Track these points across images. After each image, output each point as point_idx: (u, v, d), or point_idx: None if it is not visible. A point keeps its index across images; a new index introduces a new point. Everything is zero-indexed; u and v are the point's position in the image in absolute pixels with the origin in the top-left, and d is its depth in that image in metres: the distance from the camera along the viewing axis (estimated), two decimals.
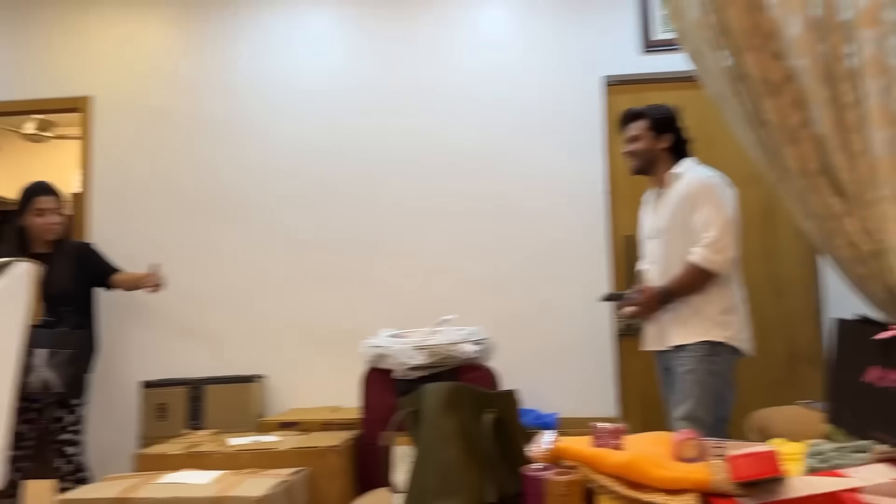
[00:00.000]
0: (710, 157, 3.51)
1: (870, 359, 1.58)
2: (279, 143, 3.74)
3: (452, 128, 3.69)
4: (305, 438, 2.74)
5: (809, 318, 3.43)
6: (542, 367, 3.54)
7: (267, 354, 3.59)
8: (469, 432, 1.54)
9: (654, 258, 2.77)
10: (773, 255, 3.46)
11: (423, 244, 3.63)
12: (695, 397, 2.56)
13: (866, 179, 2.29)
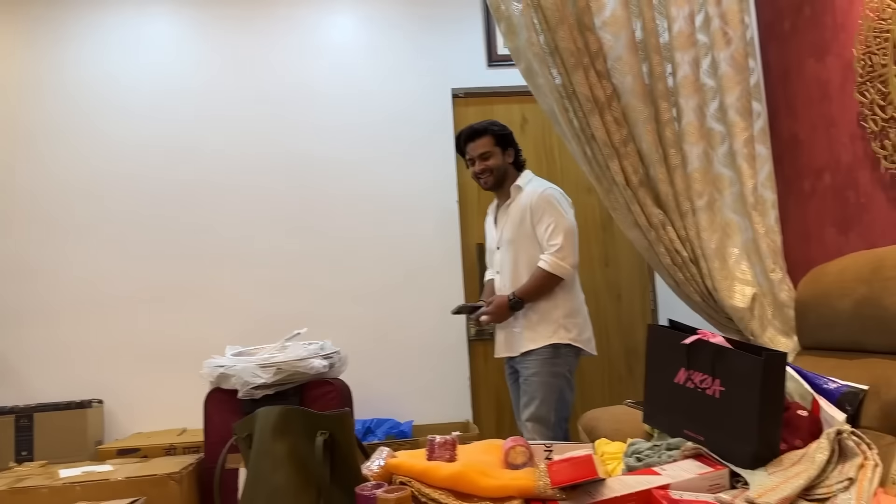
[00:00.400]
0: (551, 168, 3.68)
1: (678, 362, 1.71)
2: (116, 152, 3.53)
3: (302, 136, 3.63)
4: (143, 466, 2.60)
5: (645, 318, 3.66)
6: (399, 375, 3.56)
7: (105, 377, 3.37)
8: (301, 456, 1.51)
9: (500, 267, 2.86)
10: (612, 261, 3.67)
11: (273, 256, 3.55)
12: (539, 398, 2.67)
13: (683, 191, 2.48)
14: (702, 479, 1.54)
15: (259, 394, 2.60)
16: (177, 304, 3.48)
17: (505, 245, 2.84)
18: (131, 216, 3.51)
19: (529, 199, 2.78)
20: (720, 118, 2.55)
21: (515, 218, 2.80)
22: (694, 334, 1.70)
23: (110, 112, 3.56)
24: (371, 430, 3.28)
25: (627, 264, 3.68)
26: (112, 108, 3.56)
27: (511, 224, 2.81)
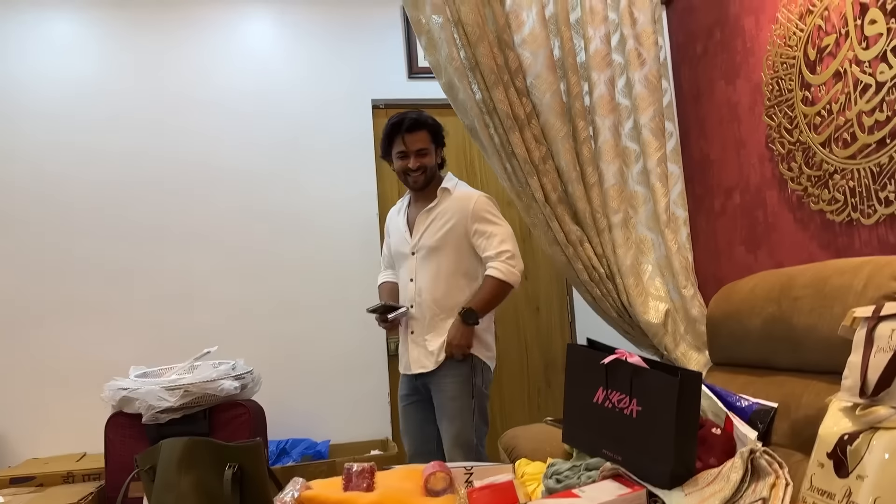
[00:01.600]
0: (471, 181, 3.67)
1: (596, 381, 1.71)
2: (12, 157, 3.30)
3: (216, 144, 3.49)
4: (38, 497, 2.42)
5: (563, 330, 3.70)
6: (315, 393, 3.46)
7: None
8: (208, 490, 1.43)
9: (414, 274, 2.66)
10: (531, 273, 3.69)
11: (183, 269, 3.39)
12: (463, 421, 2.55)
13: (599, 208, 2.51)
14: (620, 501, 1.54)
15: (165, 418, 2.46)
16: (75, 319, 3.26)
17: (424, 251, 2.63)
18: (25, 225, 3.28)
19: (464, 205, 2.59)
20: (635, 137, 2.61)
21: (443, 223, 2.60)
22: (612, 354, 1.71)
23: (9, 115, 3.32)
24: (286, 450, 3.18)
25: (546, 277, 3.72)
26: (8, 110, 3.33)
27: (436, 229, 2.61)
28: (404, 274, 2.70)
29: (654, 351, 2.53)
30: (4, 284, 3.22)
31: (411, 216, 2.72)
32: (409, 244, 2.67)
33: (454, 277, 2.61)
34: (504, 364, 3.62)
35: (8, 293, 3.23)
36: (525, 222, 3.66)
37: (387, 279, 2.87)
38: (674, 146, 2.62)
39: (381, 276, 2.91)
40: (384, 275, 2.90)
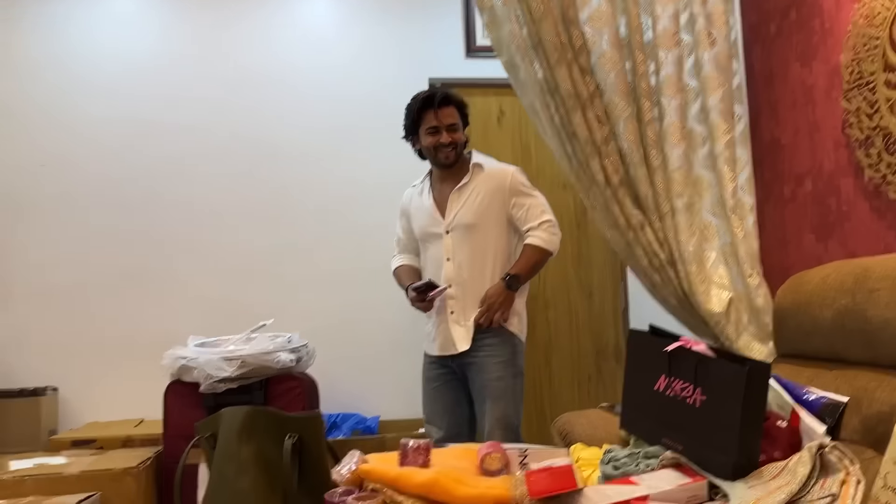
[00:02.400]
0: (526, 164, 3.63)
1: (658, 369, 1.67)
2: (77, 132, 3.38)
3: (274, 121, 3.52)
4: (99, 459, 2.50)
5: (616, 317, 3.64)
6: (367, 368, 3.49)
7: (60, 364, 3.24)
8: (268, 459, 1.45)
9: (451, 253, 2.61)
10: (584, 259, 3.64)
11: (240, 244, 3.44)
12: (506, 402, 2.53)
13: (663, 192, 2.45)
14: (681, 491, 1.51)
15: (222, 387, 2.50)
16: (137, 290, 3.35)
17: (461, 230, 2.59)
18: (91, 199, 3.37)
19: (500, 180, 2.59)
20: (702, 119, 2.52)
21: (479, 200, 2.58)
22: (676, 341, 1.67)
23: (70, 91, 3.40)
24: (337, 424, 3.21)
25: (600, 263, 3.66)
26: (72, 86, 3.41)
27: (472, 206, 2.58)
28: (437, 254, 2.65)
29: (714, 340, 2.46)
30: (69, 256, 3.32)
31: (440, 195, 2.68)
32: (443, 223, 2.63)
33: (494, 254, 2.59)
34: (554, 350, 3.59)
35: (73, 264, 3.33)
36: (579, 206, 3.63)
37: (404, 262, 2.81)
38: (742, 129, 2.53)
39: (397, 260, 2.84)
40: (400, 258, 2.83)
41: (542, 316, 3.59)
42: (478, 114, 3.65)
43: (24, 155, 3.34)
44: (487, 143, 3.63)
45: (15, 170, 3.33)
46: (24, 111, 3.37)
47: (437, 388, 2.68)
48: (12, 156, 3.34)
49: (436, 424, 2.67)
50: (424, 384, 2.73)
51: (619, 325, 3.63)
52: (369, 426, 3.26)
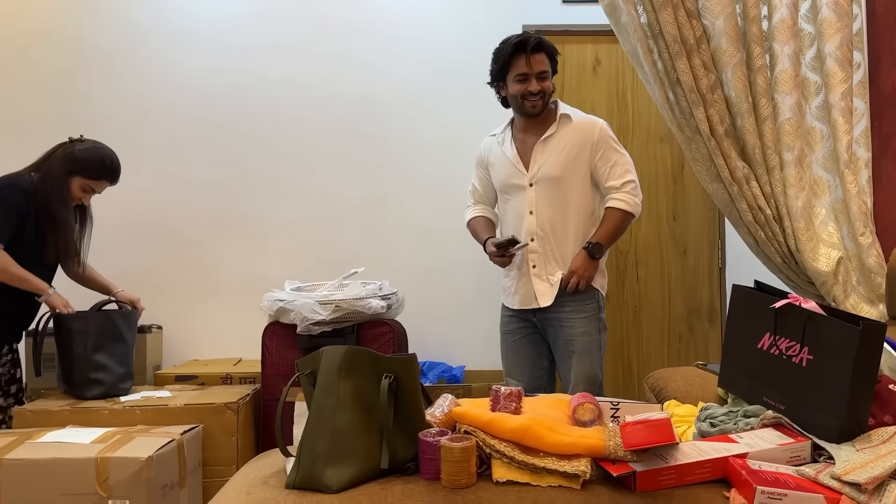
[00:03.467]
0: (623, 114, 3.53)
1: (763, 326, 1.60)
2: (179, 83, 3.50)
3: (365, 71, 3.54)
4: (201, 393, 2.63)
5: (711, 276, 3.52)
6: (452, 319, 3.52)
7: (163, 303, 3.41)
8: (365, 397, 1.48)
9: (534, 206, 2.55)
10: (680, 214, 3.52)
11: (332, 194, 3.51)
12: (592, 357, 2.52)
13: (771, 144, 2.32)
14: (782, 451, 1.46)
15: (317, 330, 2.58)
16: (236, 236, 3.48)
17: (545, 182, 2.53)
18: (194, 145, 3.49)
19: (588, 132, 2.52)
20: (817, 67, 2.37)
21: (566, 152, 2.51)
22: (783, 298, 1.60)
23: (174, 39, 3.51)
24: (423, 372, 3.27)
25: (696, 219, 3.53)
26: (176, 35, 3.51)
27: (558, 158, 2.52)
28: (518, 206, 2.60)
29: (820, 301, 2.34)
30: (172, 202, 3.47)
31: (523, 146, 2.61)
32: (526, 175, 2.57)
33: (578, 209, 2.54)
34: (644, 307, 3.52)
35: (175, 210, 3.47)
36: (677, 160, 3.50)
37: (479, 214, 2.77)
38: (861, 78, 2.36)
39: (471, 211, 2.79)
40: (475, 209, 2.79)
41: (633, 273, 3.52)
42: (573, 62, 3.55)
43: (128, 104, 3.48)
44: (581, 93, 3.53)
45: (121, 119, 3.47)
46: (127, 62, 3.50)
47: (517, 341, 2.67)
48: (117, 105, 3.48)
49: (515, 377, 2.68)
50: (503, 337, 2.73)
51: (714, 285, 3.52)
52: (455, 375, 3.30)
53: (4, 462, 1.97)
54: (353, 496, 1.36)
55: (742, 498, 1.32)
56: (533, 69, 2.49)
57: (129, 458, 1.98)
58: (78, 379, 2.55)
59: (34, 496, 1.96)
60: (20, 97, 3.44)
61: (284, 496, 1.37)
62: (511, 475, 1.41)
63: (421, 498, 1.34)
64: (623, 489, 1.38)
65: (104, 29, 3.50)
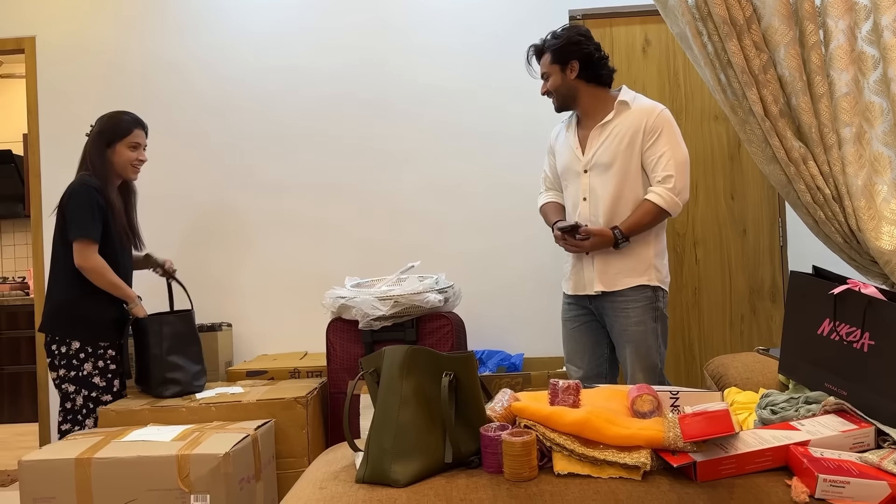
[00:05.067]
0: (675, 94, 3.48)
1: (822, 312, 1.60)
2: (235, 83, 3.61)
3: (414, 64, 3.58)
4: (272, 389, 2.74)
5: (773, 255, 3.47)
6: (510, 307, 3.56)
7: (231, 302, 3.56)
8: (426, 395, 1.54)
9: (588, 193, 2.58)
10: (739, 192, 3.47)
11: (387, 187, 3.57)
12: (648, 345, 2.53)
13: (828, 122, 2.27)
14: (844, 437, 1.46)
15: (378, 325, 2.66)
16: (294, 231, 3.58)
17: (600, 169, 2.54)
18: (255, 143, 3.60)
19: (643, 117, 2.51)
20: (874, 40, 2.30)
21: (619, 139, 2.52)
22: (842, 283, 1.58)
23: (224, 39, 3.61)
24: (482, 361, 3.32)
25: (755, 198, 3.47)
26: (226, 34, 3.62)
27: (612, 145, 2.52)
28: (574, 193, 2.63)
29: (883, 280, 2.29)
30: (232, 198, 3.59)
31: (583, 132, 2.63)
32: (581, 161, 2.60)
33: (631, 195, 2.54)
34: (704, 289, 3.49)
35: (235, 206, 3.59)
36: (733, 138, 3.44)
37: (550, 199, 2.80)
38: None
39: (543, 198, 2.83)
40: (546, 196, 2.82)
41: (691, 254, 3.49)
42: (621, 44, 3.52)
43: (188, 105, 3.61)
44: (632, 74, 3.50)
45: (180, 119, 3.60)
46: (186, 63, 3.62)
47: (576, 328, 2.70)
48: (177, 106, 3.61)
49: (575, 364, 2.72)
50: (564, 324, 2.77)
51: (776, 263, 3.46)
52: (514, 363, 3.34)
53: (94, 461, 2.11)
54: (420, 490, 1.42)
55: (804, 486, 1.33)
56: (540, 71, 2.65)
57: (208, 454, 2.09)
58: (155, 379, 2.69)
59: (122, 492, 2.09)
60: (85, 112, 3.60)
61: (355, 490, 1.44)
62: (572, 467, 1.45)
63: (485, 491, 1.39)
64: (684, 479, 1.40)
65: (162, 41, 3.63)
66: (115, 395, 2.69)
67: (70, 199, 2.64)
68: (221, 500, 2.08)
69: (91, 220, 2.62)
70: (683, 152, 2.53)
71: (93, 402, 2.64)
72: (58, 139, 3.61)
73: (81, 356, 2.63)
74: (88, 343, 2.63)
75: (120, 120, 2.78)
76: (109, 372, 2.67)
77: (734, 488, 1.36)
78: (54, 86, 3.63)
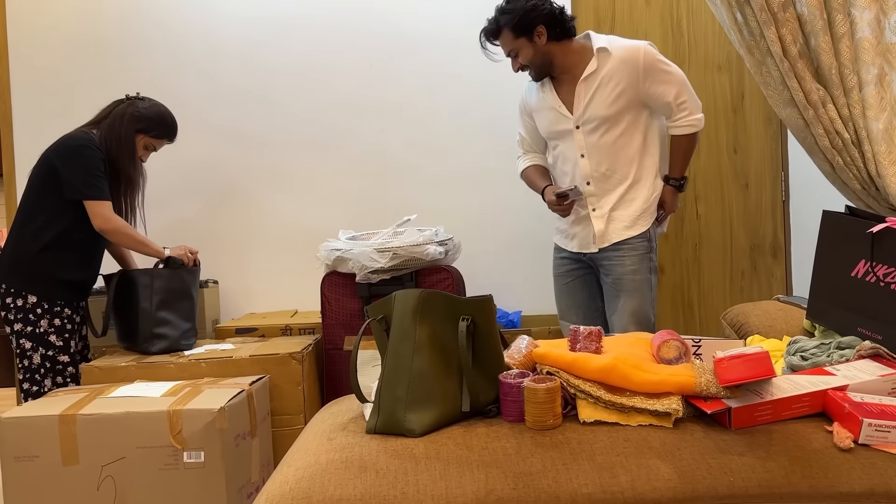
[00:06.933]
0: (678, 43, 3.37)
1: (858, 253, 1.51)
2: (219, 32, 3.41)
3: (409, 12, 3.42)
4: (265, 345, 2.63)
5: (775, 210, 3.39)
6: (506, 264, 3.46)
7: (218, 258, 3.41)
8: (442, 341, 1.44)
9: (585, 150, 2.49)
10: (741, 147, 3.38)
11: (379, 139, 3.43)
12: (643, 296, 2.47)
13: (849, 64, 2.18)
14: (883, 381, 1.39)
15: (376, 278, 2.55)
16: (282, 186, 3.43)
17: (595, 122, 2.44)
18: (243, 97, 3.43)
19: (633, 61, 2.39)
20: None
21: (613, 88, 2.41)
22: (880, 222, 1.50)
23: None
24: None
25: (758, 151, 3.38)
26: None
27: (607, 97, 2.41)
28: (569, 150, 2.53)
29: None
30: (215, 152, 3.43)
31: (563, 88, 2.52)
32: (571, 119, 2.49)
33: (634, 140, 2.47)
34: (704, 244, 3.42)
35: (227, 163, 3.43)
36: (736, 90, 3.34)
37: (531, 163, 2.71)
38: None
39: (524, 161, 2.73)
40: (526, 159, 2.72)
41: (692, 209, 3.40)
42: None
43: (167, 54, 3.42)
44: (634, 22, 3.38)
45: (160, 68, 3.42)
46: (164, 14, 3.42)
47: (570, 283, 2.65)
48: (157, 55, 3.42)
49: (569, 320, 2.66)
50: (556, 279, 2.71)
51: (778, 219, 3.39)
52: (512, 320, 3.26)
53: (79, 417, 1.99)
54: (437, 439, 1.33)
55: (847, 431, 1.26)
56: (504, 52, 2.53)
57: (201, 409, 1.98)
58: (143, 334, 2.57)
59: (110, 450, 1.98)
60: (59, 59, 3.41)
61: (367, 441, 1.35)
62: (598, 415, 1.37)
63: (507, 439, 1.31)
64: (717, 427, 1.33)
65: None
66: (73, 357, 2.56)
67: (74, 154, 2.49)
68: (216, 457, 1.98)
69: (103, 181, 2.51)
70: (680, 75, 2.45)
71: (50, 361, 2.51)
72: (30, 86, 3.42)
73: (38, 311, 2.49)
74: (45, 299, 2.49)
75: (166, 123, 2.71)
76: (66, 332, 2.54)
77: (772, 434, 1.29)
78: (25, 31, 3.42)
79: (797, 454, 1.22)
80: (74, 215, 2.52)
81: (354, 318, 2.66)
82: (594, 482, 1.17)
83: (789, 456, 1.22)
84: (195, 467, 1.98)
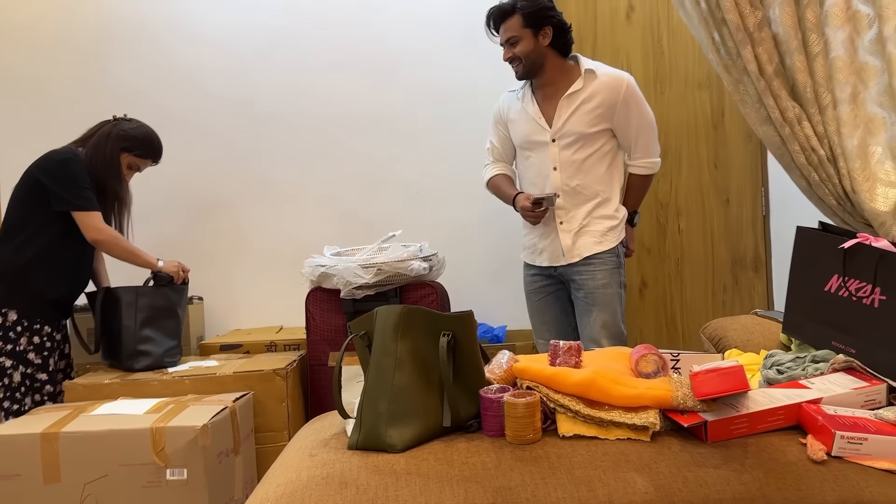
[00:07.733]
0: (659, 62, 3.42)
1: (830, 268, 1.55)
2: (205, 44, 3.44)
3: (389, 28, 3.45)
4: (249, 361, 2.63)
5: (755, 225, 3.44)
6: (491, 278, 3.49)
7: (203, 273, 3.41)
8: (423, 356, 1.46)
9: (558, 163, 2.53)
10: (722, 161, 3.43)
11: (364, 154, 3.45)
12: (613, 309, 2.51)
13: (823, 82, 2.22)
14: (856, 394, 1.42)
15: (360, 294, 2.56)
16: (267, 201, 3.44)
17: (571, 138, 2.49)
18: (228, 112, 3.44)
19: (615, 88, 2.46)
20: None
21: (592, 108, 2.47)
22: (851, 237, 1.53)
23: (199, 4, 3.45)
24: None
25: (738, 167, 3.43)
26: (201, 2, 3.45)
27: (586, 115, 2.48)
28: (540, 163, 2.57)
29: None
30: (208, 170, 3.44)
31: (545, 101, 2.57)
32: (548, 131, 2.54)
33: (606, 165, 2.54)
34: (686, 259, 3.45)
35: (211, 178, 3.44)
36: (716, 107, 3.39)
37: (499, 171, 2.74)
38: None
39: (492, 169, 2.76)
40: (495, 167, 2.76)
41: (674, 224, 3.44)
42: (605, 10, 3.44)
43: (153, 66, 3.43)
44: (615, 40, 3.43)
45: (157, 85, 3.43)
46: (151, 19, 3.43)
47: (542, 300, 2.68)
48: (141, 66, 3.43)
49: (544, 338, 2.69)
50: (528, 297, 2.73)
51: (759, 233, 3.43)
52: (496, 335, 3.28)
53: (62, 435, 1.99)
54: (417, 454, 1.34)
55: (820, 444, 1.28)
56: (501, 38, 2.53)
57: (184, 426, 1.98)
58: (126, 351, 2.56)
59: (92, 468, 1.98)
60: (44, 71, 3.42)
61: (348, 457, 1.36)
62: (577, 429, 1.38)
63: (488, 454, 1.32)
64: (694, 440, 1.35)
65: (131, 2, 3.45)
66: (52, 375, 2.54)
67: (60, 167, 2.50)
68: (199, 474, 1.98)
69: (90, 193, 2.53)
70: (651, 117, 2.57)
71: (29, 379, 2.49)
72: (11, 101, 3.41)
73: (18, 329, 2.48)
74: (25, 316, 2.49)
75: (151, 143, 2.73)
76: (45, 349, 2.53)
77: (748, 447, 1.31)
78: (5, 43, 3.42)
79: (772, 466, 1.24)
80: (59, 230, 2.52)
81: (339, 333, 2.67)
82: (572, 496, 1.19)
83: (764, 468, 1.24)
84: (178, 485, 1.98)
